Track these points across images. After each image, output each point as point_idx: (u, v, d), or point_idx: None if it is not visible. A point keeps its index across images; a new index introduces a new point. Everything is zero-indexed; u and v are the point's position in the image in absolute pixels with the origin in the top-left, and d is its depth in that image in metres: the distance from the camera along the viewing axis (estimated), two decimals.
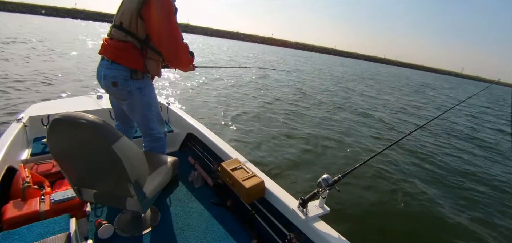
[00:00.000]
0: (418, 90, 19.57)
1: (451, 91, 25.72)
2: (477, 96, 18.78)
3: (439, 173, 4.41)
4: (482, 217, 3.33)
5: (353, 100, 10.16)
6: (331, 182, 1.34)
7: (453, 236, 2.92)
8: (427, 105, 12.47)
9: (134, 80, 1.57)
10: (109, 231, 1.54)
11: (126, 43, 1.51)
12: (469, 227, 3.10)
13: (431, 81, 35.37)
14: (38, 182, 1.53)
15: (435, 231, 2.96)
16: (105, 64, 1.55)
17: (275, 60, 28.27)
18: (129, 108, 1.68)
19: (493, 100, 22.46)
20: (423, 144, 5.74)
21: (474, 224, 3.17)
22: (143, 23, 1.48)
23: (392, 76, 32.70)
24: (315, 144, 4.90)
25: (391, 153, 4.75)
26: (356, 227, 2.79)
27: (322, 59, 48.94)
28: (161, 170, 1.56)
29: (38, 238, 1.01)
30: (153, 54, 1.60)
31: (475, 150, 6.15)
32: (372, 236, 2.76)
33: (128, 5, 1.49)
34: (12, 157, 1.76)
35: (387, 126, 7.05)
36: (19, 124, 2.08)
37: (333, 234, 1.31)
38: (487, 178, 4.54)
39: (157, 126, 1.82)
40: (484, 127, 9.35)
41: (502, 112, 14.93)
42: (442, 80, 52.66)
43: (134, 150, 1.19)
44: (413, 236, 2.85)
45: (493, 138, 7.77)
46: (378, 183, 3.75)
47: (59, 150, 1.20)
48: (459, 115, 10.76)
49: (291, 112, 6.96)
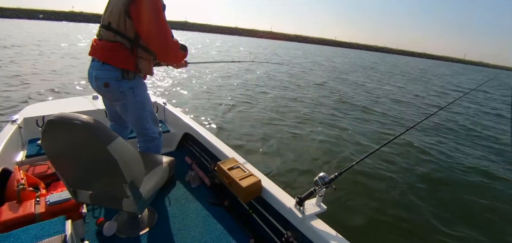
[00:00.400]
0: (418, 79, 19.40)
1: (453, 78, 25.32)
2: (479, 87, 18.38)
3: (439, 170, 4.41)
4: (482, 216, 3.35)
5: (350, 95, 10.09)
6: (328, 180, 1.34)
7: (452, 234, 2.94)
8: (428, 96, 12.30)
9: (126, 80, 1.55)
10: (113, 227, 1.56)
11: (116, 43, 1.49)
12: (469, 225, 3.11)
13: (430, 68, 34.85)
14: (33, 184, 1.52)
15: (434, 228, 2.98)
16: (96, 65, 1.53)
17: (273, 54, 28.15)
18: (122, 108, 1.67)
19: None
20: (422, 140, 5.75)
21: (474, 223, 3.18)
22: (132, 21, 1.46)
23: (391, 66, 32.47)
24: (312, 142, 4.91)
25: (388, 150, 4.76)
26: (353, 225, 2.80)
27: (322, 51, 48.72)
28: (158, 170, 1.55)
29: (34, 240, 1.01)
30: (143, 53, 1.58)
31: (476, 146, 6.10)
32: (369, 234, 2.77)
33: (115, 4, 1.47)
34: (6, 159, 1.74)
35: (385, 122, 7.04)
36: (14, 126, 2.06)
37: (330, 232, 1.32)
38: (488, 173, 4.54)
39: (152, 126, 1.81)
40: (486, 118, 9.17)
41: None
42: (445, 67, 52.21)
43: (129, 151, 1.19)
44: (411, 234, 2.87)
45: (496, 130, 7.66)
46: (375, 180, 3.77)
47: (54, 152, 1.19)
48: (462, 106, 10.36)
49: (286, 110, 6.95)
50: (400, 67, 31.45)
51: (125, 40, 1.49)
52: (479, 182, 4.26)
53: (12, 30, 24.28)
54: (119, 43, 1.49)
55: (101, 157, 1.10)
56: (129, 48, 1.51)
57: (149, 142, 1.82)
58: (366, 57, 41.58)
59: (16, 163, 1.85)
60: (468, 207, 3.50)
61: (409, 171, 4.23)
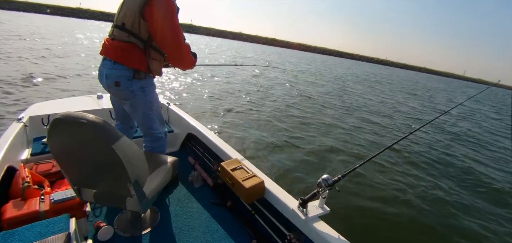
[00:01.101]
0: (419, 94, 19.52)
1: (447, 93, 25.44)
2: (476, 99, 18.67)
3: (440, 174, 4.41)
4: (483, 218, 3.33)
5: (353, 101, 10.15)
6: (331, 182, 1.34)
7: (454, 236, 2.92)
8: (428, 105, 12.42)
9: (137, 80, 1.57)
10: (108, 233, 1.54)
11: (130, 44, 1.50)
12: (469, 227, 3.10)
13: (425, 82, 35.03)
14: (38, 182, 1.53)
15: (436, 231, 2.96)
16: (108, 64, 1.54)
17: (277, 61, 28.25)
18: (131, 107, 1.68)
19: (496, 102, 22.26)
20: (424, 145, 5.75)
21: (474, 224, 3.17)
22: (146, 23, 1.47)
23: (393, 78, 32.56)
24: (315, 145, 4.90)
25: (390, 154, 4.75)
26: (356, 227, 2.79)
27: (324, 61, 48.78)
28: (161, 170, 1.56)
29: (38, 238, 1.01)
30: (156, 54, 1.60)
31: (476, 151, 6.14)
32: (372, 236, 2.76)
33: (130, 5, 1.48)
34: (12, 156, 1.76)
35: (387, 127, 7.05)
36: (20, 124, 2.08)
37: (333, 234, 1.31)
38: (488, 179, 4.54)
39: (158, 126, 1.82)
40: (483, 128, 9.33)
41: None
42: (444, 82, 52.39)
43: (134, 150, 1.19)
44: (413, 236, 2.85)
45: (492, 139, 7.76)
46: (378, 183, 3.75)
47: (59, 150, 1.20)
48: (460, 117, 10.74)
49: (290, 113, 6.96)
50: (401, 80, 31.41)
51: (138, 41, 1.50)
52: (480, 184, 4.24)
53: (18, 24, 24.52)
54: (133, 44, 1.50)
55: (106, 156, 1.10)
56: (142, 49, 1.53)
57: (155, 142, 1.83)
58: (369, 70, 41.55)
59: (21, 161, 1.87)
60: (469, 209, 3.48)
61: (412, 174, 4.21)
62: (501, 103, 23.53)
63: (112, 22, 1.61)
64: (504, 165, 5.47)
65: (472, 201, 3.69)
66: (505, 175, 4.89)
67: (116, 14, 1.58)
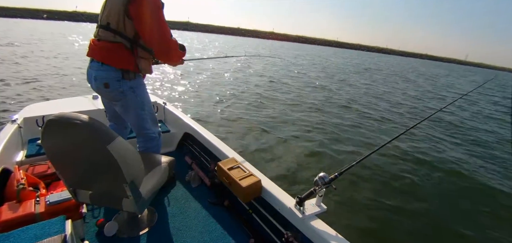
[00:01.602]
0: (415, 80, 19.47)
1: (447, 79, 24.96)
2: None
3: (438, 171, 4.41)
4: (483, 216, 3.35)
5: (349, 96, 10.12)
6: (328, 180, 1.34)
7: (452, 234, 2.94)
8: (426, 98, 12.35)
9: (126, 80, 1.55)
10: (114, 227, 1.56)
11: (116, 44, 1.47)
12: (468, 225, 3.11)
13: (425, 69, 34.91)
14: (33, 183, 1.52)
15: (434, 229, 2.98)
16: (95, 66, 1.52)
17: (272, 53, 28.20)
18: (122, 108, 1.67)
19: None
20: (422, 140, 5.75)
21: (474, 223, 3.18)
22: (131, 21, 1.45)
23: (390, 66, 32.43)
24: (312, 142, 4.91)
25: (388, 150, 4.76)
26: (353, 225, 2.80)
27: (322, 52, 48.57)
28: (158, 170, 1.55)
29: (34, 240, 1.00)
30: (143, 53, 1.58)
31: (476, 146, 6.12)
32: (369, 234, 2.77)
33: (114, 4, 1.45)
34: (6, 158, 1.74)
35: (385, 123, 7.05)
36: (14, 126, 2.06)
37: (330, 232, 1.32)
38: (487, 174, 4.55)
39: (151, 126, 1.80)
40: (486, 120, 9.19)
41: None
42: (444, 68, 52.03)
43: (129, 150, 1.19)
44: (410, 234, 2.87)
45: (494, 132, 7.69)
46: (375, 180, 3.77)
47: (54, 151, 1.19)
48: (462, 108, 10.47)
49: (286, 110, 6.96)
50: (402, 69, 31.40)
51: (125, 40, 1.48)
52: (480, 183, 4.26)
53: (15, 29, 24.26)
54: (119, 43, 1.47)
55: (101, 157, 1.10)
56: (129, 48, 1.50)
57: (148, 142, 1.81)
58: (368, 59, 41.37)
59: (16, 163, 1.85)
60: (468, 207, 3.50)
61: (409, 171, 4.23)
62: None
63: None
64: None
65: (473, 201, 3.69)
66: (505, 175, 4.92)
67: (99, 14, 1.55)
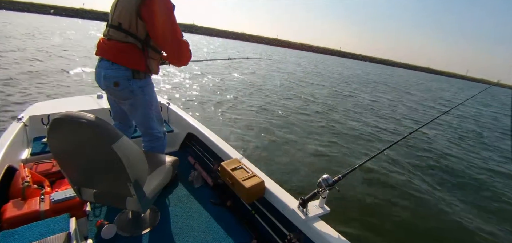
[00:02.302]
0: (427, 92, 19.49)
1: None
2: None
3: (440, 173, 4.40)
4: (484, 217, 3.33)
5: (354, 101, 10.15)
6: (331, 182, 1.34)
7: (454, 235, 2.92)
8: (429, 105, 12.42)
9: (136, 80, 1.55)
10: (112, 231, 1.55)
11: (128, 44, 1.48)
12: (469, 225, 3.10)
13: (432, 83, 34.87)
14: (38, 181, 1.53)
15: (436, 230, 2.96)
16: (106, 65, 1.52)
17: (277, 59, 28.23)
18: (131, 107, 1.68)
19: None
20: (424, 144, 5.74)
21: (474, 223, 3.16)
22: (143, 22, 1.46)
23: (393, 78, 32.47)
24: (316, 144, 4.90)
25: (391, 154, 4.75)
26: (356, 227, 2.79)
27: (324, 60, 48.65)
28: (161, 170, 1.55)
29: (38, 237, 1.01)
30: (153, 53, 1.59)
31: (479, 150, 6.12)
32: (372, 236, 2.75)
33: (126, 5, 1.45)
34: (12, 156, 1.76)
35: (387, 127, 7.04)
36: (19, 124, 2.08)
37: (333, 234, 1.31)
38: (489, 178, 4.53)
39: (157, 125, 1.81)
40: (486, 127, 9.30)
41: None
42: (448, 82, 52.06)
43: (134, 150, 1.19)
44: (413, 236, 2.85)
45: (495, 139, 7.73)
46: (378, 183, 3.75)
47: (59, 150, 1.20)
48: (462, 116, 10.71)
49: (290, 112, 6.96)
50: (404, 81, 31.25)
51: (137, 41, 1.49)
52: (484, 184, 4.23)
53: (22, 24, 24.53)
54: (131, 44, 1.48)
55: (106, 156, 1.10)
56: (141, 48, 1.51)
57: (154, 142, 1.82)
58: (371, 70, 41.24)
59: (21, 161, 1.87)
60: (471, 210, 3.47)
61: (412, 173, 4.21)
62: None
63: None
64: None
65: (474, 202, 3.68)
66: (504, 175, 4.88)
67: (110, 14, 1.55)
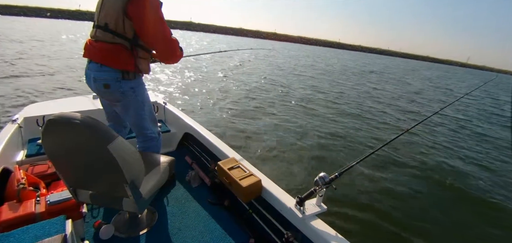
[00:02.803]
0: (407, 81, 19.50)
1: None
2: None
3: (438, 171, 4.40)
4: (482, 215, 3.35)
5: (350, 96, 10.13)
6: (328, 180, 1.34)
7: (452, 234, 2.93)
8: (428, 99, 12.36)
9: (127, 80, 1.52)
10: (110, 231, 1.55)
11: (115, 45, 1.44)
12: (468, 225, 3.12)
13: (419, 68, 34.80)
14: (34, 183, 1.52)
15: (434, 229, 2.98)
16: (94, 67, 1.48)
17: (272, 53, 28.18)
18: (123, 109, 1.66)
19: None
20: (423, 140, 5.75)
21: (473, 222, 3.18)
22: (131, 22, 1.42)
23: (390, 68, 32.50)
24: (312, 142, 4.91)
25: (389, 150, 4.76)
26: (353, 225, 2.80)
27: (324, 53, 48.43)
28: (158, 170, 1.55)
29: (34, 240, 1.00)
30: (143, 53, 1.56)
31: (476, 146, 6.13)
32: (369, 234, 2.77)
33: (112, 4, 1.41)
34: (6, 158, 1.74)
35: (384, 123, 7.05)
36: (14, 125, 2.06)
37: (330, 232, 1.32)
38: (489, 174, 4.55)
39: (151, 125, 1.80)
40: (486, 121, 9.20)
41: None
42: (444, 70, 51.90)
43: (130, 150, 1.18)
44: (410, 234, 2.87)
45: (495, 132, 7.70)
46: (375, 180, 3.77)
47: (54, 151, 1.19)
48: (463, 110, 10.50)
49: (286, 110, 6.95)
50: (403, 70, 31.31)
51: (125, 41, 1.45)
52: (480, 183, 4.25)
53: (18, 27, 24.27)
54: (119, 44, 1.44)
55: (101, 157, 1.10)
56: (129, 48, 1.47)
57: (148, 142, 1.81)
58: (370, 61, 41.17)
59: (16, 163, 1.85)
60: (468, 207, 3.50)
61: (409, 171, 4.23)
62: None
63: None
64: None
65: (474, 200, 3.69)
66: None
67: (96, 14, 1.50)
